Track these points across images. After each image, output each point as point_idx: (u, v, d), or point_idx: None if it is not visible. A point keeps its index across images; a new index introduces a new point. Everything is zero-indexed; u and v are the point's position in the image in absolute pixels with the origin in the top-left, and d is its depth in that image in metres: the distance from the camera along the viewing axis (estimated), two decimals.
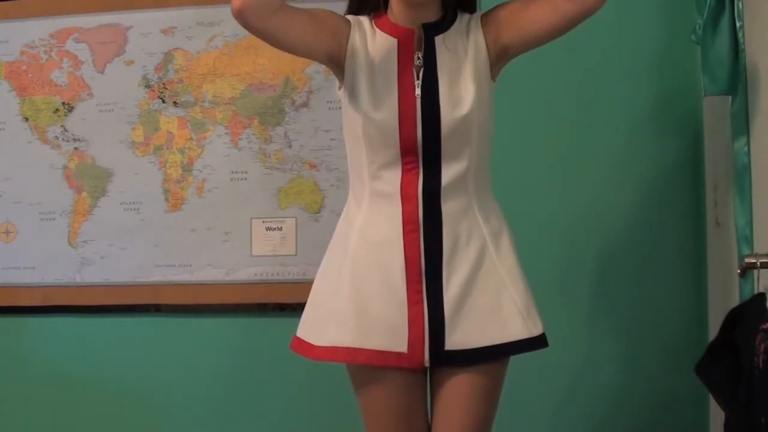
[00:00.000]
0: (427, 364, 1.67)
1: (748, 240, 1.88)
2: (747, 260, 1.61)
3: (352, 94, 1.70)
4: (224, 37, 2.67)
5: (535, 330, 1.70)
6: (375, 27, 1.74)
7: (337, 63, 1.73)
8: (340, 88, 1.77)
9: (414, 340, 1.65)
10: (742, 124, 1.90)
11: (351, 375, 1.76)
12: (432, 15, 1.73)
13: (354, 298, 1.67)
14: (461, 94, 1.68)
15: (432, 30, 1.71)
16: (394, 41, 1.71)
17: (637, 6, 2.50)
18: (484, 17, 1.76)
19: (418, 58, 1.70)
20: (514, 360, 1.77)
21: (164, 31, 2.70)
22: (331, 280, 1.74)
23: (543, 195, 2.50)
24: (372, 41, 1.73)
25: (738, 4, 1.90)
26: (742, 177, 1.89)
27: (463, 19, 1.76)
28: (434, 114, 1.66)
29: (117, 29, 2.72)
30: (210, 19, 2.67)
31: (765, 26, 1.77)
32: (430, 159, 1.68)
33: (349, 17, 1.77)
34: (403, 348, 1.65)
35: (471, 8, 1.79)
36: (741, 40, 1.89)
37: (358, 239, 1.70)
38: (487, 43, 1.73)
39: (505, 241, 1.73)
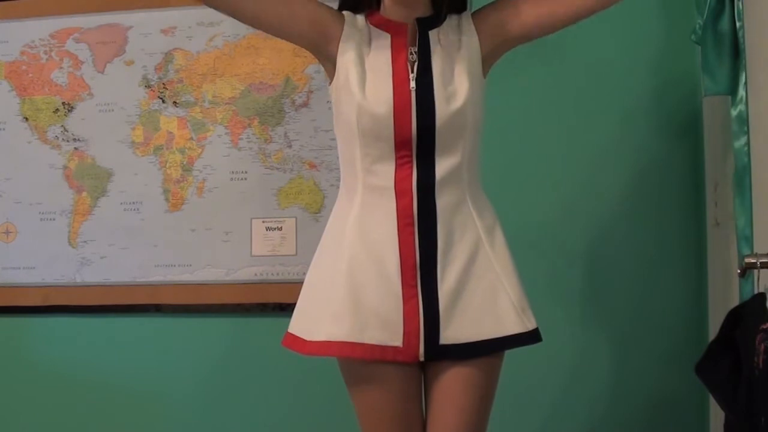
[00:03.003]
0: (422, 358, 1.66)
1: (748, 240, 1.88)
2: (747, 260, 1.61)
3: (346, 88, 1.71)
4: (224, 37, 2.67)
5: (529, 324, 1.71)
6: (369, 24, 1.76)
7: (326, 55, 1.75)
8: (330, 83, 1.78)
9: (409, 334, 1.65)
10: (742, 124, 1.90)
11: (344, 371, 1.75)
12: (424, 11, 1.74)
13: (350, 292, 1.67)
14: (456, 87, 1.69)
15: (426, 24, 1.73)
16: (387, 36, 1.73)
17: (637, 6, 2.50)
18: (476, 15, 1.78)
19: (412, 53, 1.71)
20: (512, 359, 1.77)
21: (164, 31, 2.70)
22: (326, 276, 1.73)
23: (541, 195, 2.50)
24: (366, 36, 1.74)
25: (738, 4, 1.90)
26: (742, 177, 1.89)
27: (453, 17, 1.78)
28: (429, 107, 1.67)
29: (117, 29, 2.72)
30: (210, 19, 2.67)
31: (765, 26, 1.77)
32: (424, 153, 1.68)
33: (345, 12, 1.78)
34: (398, 342, 1.65)
35: (461, 8, 1.80)
36: (741, 40, 1.89)
37: (352, 234, 1.70)
38: (481, 40, 1.74)
39: (499, 236, 1.74)
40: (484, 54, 1.74)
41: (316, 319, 1.71)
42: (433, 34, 1.72)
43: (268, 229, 2.63)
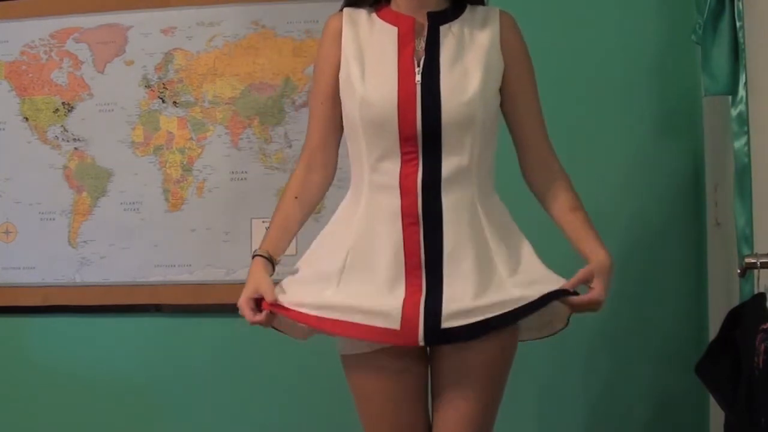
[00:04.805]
0: (421, 342, 1.60)
1: (748, 240, 1.87)
2: (747, 260, 1.60)
3: (348, 83, 1.70)
4: (224, 37, 2.67)
5: (529, 293, 1.63)
6: (375, 17, 1.74)
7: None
8: None
9: (407, 319, 1.60)
10: (742, 124, 1.90)
11: (344, 362, 1.73)
12: (437, 5, 1.72)
13: (347, 294, 1.64)
14: (466, 81, 1.66)
15: (437, 19, 1.71)
16: (394, 29, 1.71)
17: (637, 6, 2.50)
18: (507, 29, 1.74)
19: (419, 46, 1.69)
20: None
21: (164, 31, 2.70)
22: (323, 267, 1.70)
23: None
24: (369, 31, 1.73)
25: (738, 4, 1.90)
26: (742, 177, 1.89)
27: (476, 10, 1.75)
28: (435, 101, 1.64)
29: (117, 29, 2.72)
30: (210, 19, 2.67)
31: (765, 26, 1.77)
32: (431, 149, 1.65)
33: (344, 11, 1.77)
34: (396, 325, 1.60)
35: (480, 0, 1.78)
36: (741, 40, 1.89)
37: (356, 233, 1.68)
38: (502, 51, 1.72)
39: (507, 237, 1.71)
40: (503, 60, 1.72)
41: (310, 293, 1.68)
42: (444, 28, 1.70)
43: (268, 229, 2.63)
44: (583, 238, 1.75)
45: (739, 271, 1.65)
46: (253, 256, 1.79)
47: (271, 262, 1.77)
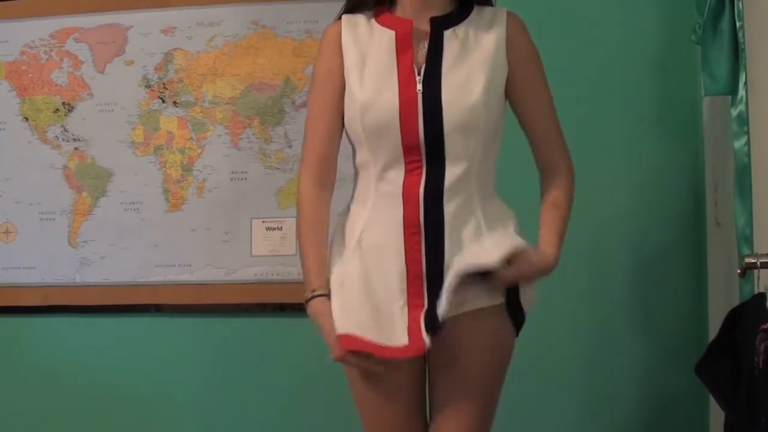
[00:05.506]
0: (428, 344, 1.59)
1: (748, 240, 1.87)
2: (747, 260, 1.60)
3: (349, 92, 1.69)
4: (224, 37, 2.67)
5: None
6: (374, 22, 1.72)
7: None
8: None
9: (413, 333, 1.60)
10: (742, 124, 1.90)
11: (348, 373, 1.74)
12: (442, 7, 1.70)
13: (359, 301, 1.64)
14: (470, 85, 1.64)
15: (442, 24, 1.68)
16: (391, 33, 1.68)
17: (637, 6, 2.50)
18: (515, 31, 1.72)
19: (421, 52, 1.66)
20: (513, 359, 1.76)
21: (164, 31, 2.70)
22: (339, 281, 1.70)
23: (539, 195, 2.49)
24: (369, 37, 1.70)
25: (738, 4, 1.90)
26: (742, 177, 1.89)
27: (484, 11, 1.73)
28: (437, 110, 1.62)
29: (117, 29, 2.72)
30: (210, 19, 2.68)
31: (765, 26, 1.77)
32: (434, 158, 1.64)
33: (343, 18, 1.75)
34: (404, 341, 1.60)
35: (487, 0, 1.76)
36: (741, 40, 1.89)
37: (359, 242, 1.67)
38: (508, 53, 1.70)
39: (508, 239, 1.71)
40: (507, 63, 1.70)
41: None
42: (449, 33, 1.67)
43: (268, 229, 2.63)
44: (547, 234, 1.73)
45: (739, 271, 1.65)
46: (310, 299, 1.68)
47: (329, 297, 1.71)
